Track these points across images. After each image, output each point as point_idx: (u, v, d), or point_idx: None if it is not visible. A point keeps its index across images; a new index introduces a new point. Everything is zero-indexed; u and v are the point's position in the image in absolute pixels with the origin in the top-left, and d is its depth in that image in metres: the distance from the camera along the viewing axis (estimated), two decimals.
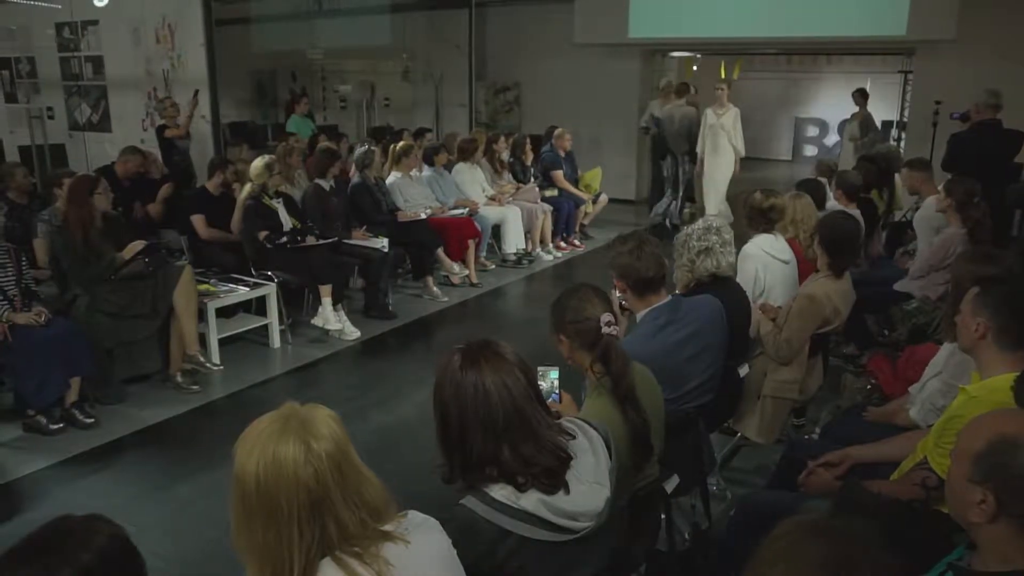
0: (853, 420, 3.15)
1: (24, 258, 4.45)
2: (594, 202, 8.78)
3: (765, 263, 3.85)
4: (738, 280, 3.55)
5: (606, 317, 2.19)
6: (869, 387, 3.61)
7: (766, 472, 3.51)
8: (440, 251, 6.78)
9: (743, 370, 3.41)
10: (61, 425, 4.26)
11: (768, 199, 3.93)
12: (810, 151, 15.67)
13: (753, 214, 3.93)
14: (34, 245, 5.13)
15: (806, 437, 3.82)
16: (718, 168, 8.74)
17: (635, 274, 2.76)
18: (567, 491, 1.66)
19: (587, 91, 10.75)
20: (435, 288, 6.66)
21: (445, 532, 1.56)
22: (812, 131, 16.11)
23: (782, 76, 15.71)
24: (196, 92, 7.63)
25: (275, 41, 11.46)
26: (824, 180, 5.57)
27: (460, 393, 1.67)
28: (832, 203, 5.21)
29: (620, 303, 2.83)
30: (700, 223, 3.38)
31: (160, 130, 7.56)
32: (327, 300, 5.48)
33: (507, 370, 1.68)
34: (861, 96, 9.56)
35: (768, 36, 9.57)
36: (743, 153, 8.86)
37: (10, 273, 4.25)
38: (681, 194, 9.29)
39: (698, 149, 8.83)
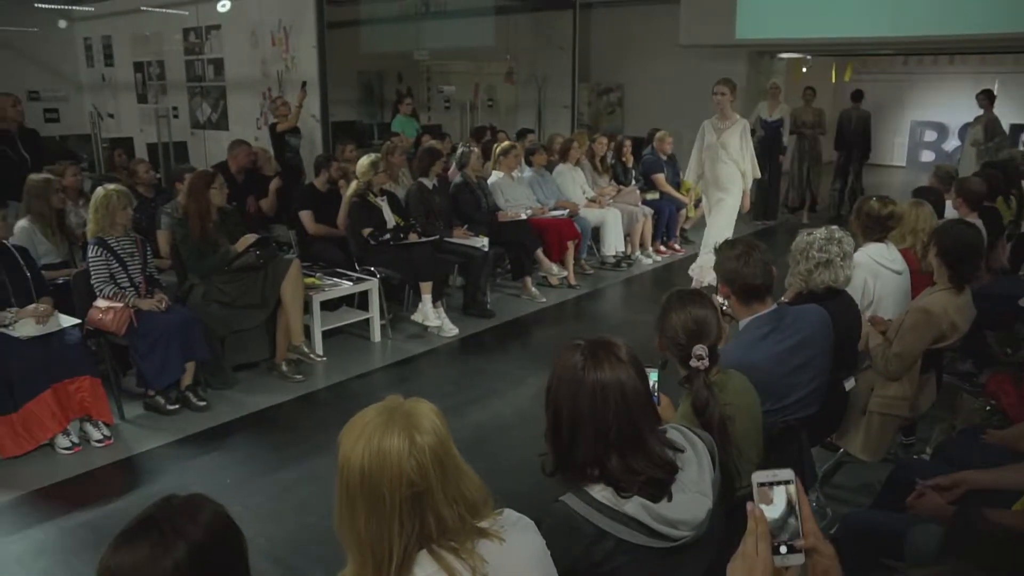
0: (969, 442, 2.98)
1: (148, 248, 4.74)
2: (696, 206, 8.62)
3: (875, 272, 3.69)
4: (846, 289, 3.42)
5: (698, 350, 2.12)
6: (988, 408, 3.41)
7: (870, 491, 3.37)
8: (539, 252, 6.79)
9: (849, 383, 3.28)
10: (177, 406, 4.52)
11: (887, 206, 3.75)
12: (927, 156, 14.89)
13: (869, 222, 3.76)
14: (157, 236, 5.45)
15: (916, 457, 3.64)
16: (720, 203, 6.50)
17: (740, 280, 2.70)
18: (669, 499, 1.64)
19: (691, 93, 10.52)
20: (533, 288, 6.70)
21: (539, 532, 1.56)
22: (929, 135, 15.30)
23: (897, 77, 14.97)
24: (304, 84, 7.91)
25: (383, 43, 11.75)
26: (942, 188, 5.30)
27: (578, 395, 1.65)
28: (951, 212, 4.94)
29: (723, 309, 2.77)
30: (823, 231, 3.22)
31: (272, 128, 7.88)
32: (427, 297, 5.59)
33: (626, 377, 1.65)
34: (987, 98, 9.03)
35: (887, 36, 9.10)
36: (757, 174, 6.66)
37: (137, 262, 4.53)
38: (850, 184, 10.28)
39: (687, 175, 7.03)
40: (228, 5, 8.92)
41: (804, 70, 13.13)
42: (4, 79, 8.49)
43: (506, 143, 7.38)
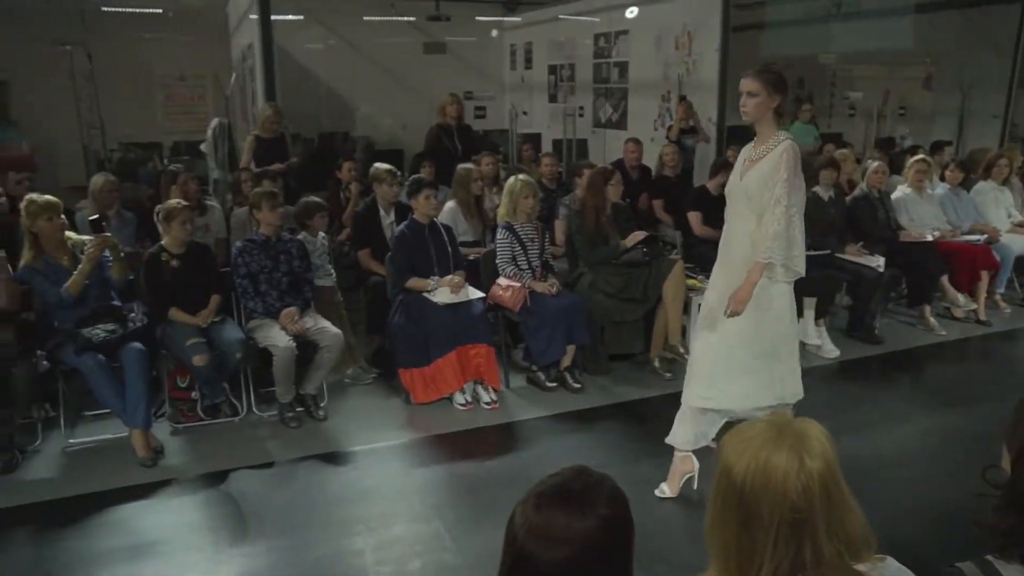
0: None
1: (547, 235, 5.18)
2: None
3: None
4: None
5: None
6: None
7: None
8: (945, 279, 6.06)
9: None
10: (555, 384, 4.88)
11: None
12: None
13: None
14: (555, 225, 5.92)
15: None
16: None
17: None
18: None
19: None
20: (932, 319, 6.00)
21: None
22: None
23: None
24: (683, 98, 8.01)
25: (786, 46, 11.33)
26: None
27: None
28: None
29: None
30: None
31: (669, 129, 8.07)
32: (809, 313, 5.33)
33: None
34: None
35: None
36: (796, 260, 3.42)
37: (536, 247, 4.98)
38: None
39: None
40: (636, 11, 9.30)
41: None
42: (449, 81, 9.86)
43: (918, 158, 6.67)
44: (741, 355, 3.50)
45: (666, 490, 3.68)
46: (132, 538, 3.38)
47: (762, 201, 3.35)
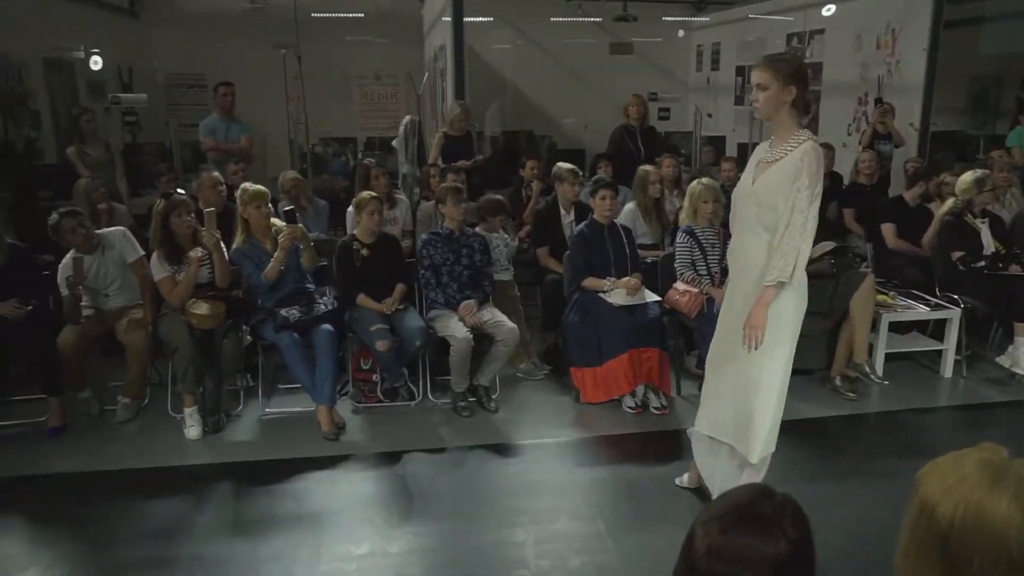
0: None
1: (728, 241, 5.01)
2: None
3: None
4: None
5: None
6: None
7: None
8: None
9: None
10: None
11: None
12: None
13: None
14: None
15: None
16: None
17: None
18: None
19: None
20: None
21: None
22: None
23: None
24: (878, 100, 7.48)
25: (1008, 43, 10.30)
26: None
27: None
28: None
29: None
30: None
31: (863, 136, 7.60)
32: (1022, 340, 4.82)
33: None
34: None
35: None
36: (784, 270, 3.09)
37: (716, 252, 4.83)
38: None
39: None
40: (834, 9, 8.80)
41: None
42: (633, 82, 9.78)
43: None
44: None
45: (685, 480, 3.68)
46: (313, 506, 3.63)
47: (776, 211, 3.01)
